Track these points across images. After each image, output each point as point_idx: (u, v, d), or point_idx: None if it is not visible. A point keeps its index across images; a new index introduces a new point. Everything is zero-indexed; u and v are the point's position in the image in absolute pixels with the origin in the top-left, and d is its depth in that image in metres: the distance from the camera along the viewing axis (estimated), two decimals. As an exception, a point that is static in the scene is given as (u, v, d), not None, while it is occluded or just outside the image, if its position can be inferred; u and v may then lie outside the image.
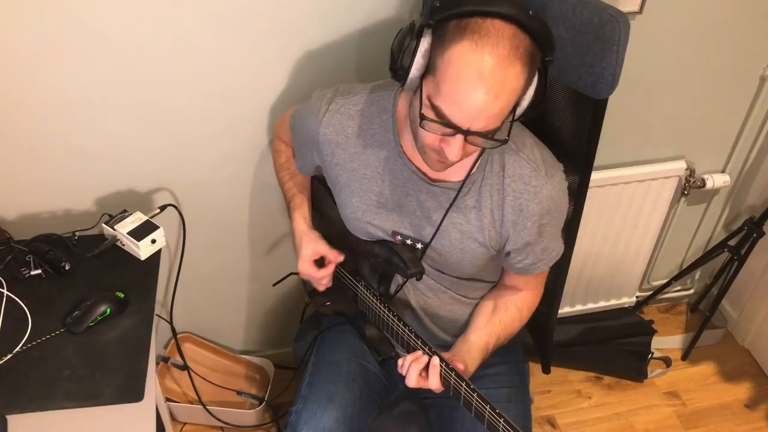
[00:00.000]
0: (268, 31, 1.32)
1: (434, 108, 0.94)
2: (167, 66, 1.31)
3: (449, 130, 0.94)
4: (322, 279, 1.30)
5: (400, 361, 1.13)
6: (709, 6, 1.52)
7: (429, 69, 0.94)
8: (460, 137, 0.94)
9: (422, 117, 0.94)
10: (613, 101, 1.06)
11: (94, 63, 1.27)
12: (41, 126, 1.33)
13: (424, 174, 1.13)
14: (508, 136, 0.97)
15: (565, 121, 1.19)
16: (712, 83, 1.68)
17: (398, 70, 0.96)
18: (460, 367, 1.11)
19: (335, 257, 1.29)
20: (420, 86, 0.96)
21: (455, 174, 1.11)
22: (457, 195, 1.12)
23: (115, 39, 1.25)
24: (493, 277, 1.31)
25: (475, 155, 1.08)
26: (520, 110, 0.97)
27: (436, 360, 1.10)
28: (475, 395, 1.06)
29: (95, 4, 1.20)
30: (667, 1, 1.47)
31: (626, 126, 1.68)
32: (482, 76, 0.88)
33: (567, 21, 1.02)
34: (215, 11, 1.27)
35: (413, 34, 0.94)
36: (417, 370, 1.11)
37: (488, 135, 0.95)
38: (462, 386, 1.08)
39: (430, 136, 0.97)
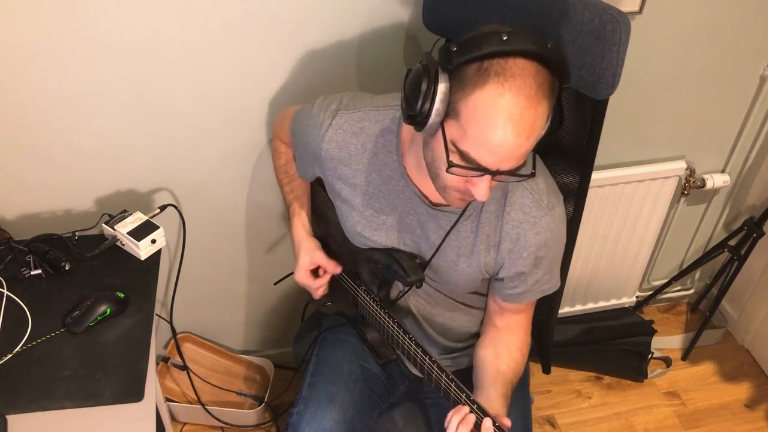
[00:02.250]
0: (267, 31, 1.32)
1: (461, 153, 0.91)
2: (167, 66, 1.31)
3: (477, 173, 0.93)
4: (318, 288, 1.31)
5: (446, 421, 1.08)
6: (709, 6, 1.52)
7: (450, 113, 0.91)
8: (487, 177, 0.93)
9: (450, 164, 0.92)
10: (613, 101, 1.05)
11: (95, 62, 1.27)
12: (41, 125, 1.33)
13: (426, 197, 1.12)
14: (534, 168, 0.95)
15: (566, 122, 1.18)
16: (712, 83, 1.68)
17: (416, 117, 0.92)
18: (508, 424, 1.07)
19: (332, 269, 1.29)
20: (441, 130, 0.93)
21: None
22: (458, 219, 1.11)
23: (116, 38, 1.25)
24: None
25: None
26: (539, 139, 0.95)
27: (488, 422, 1.04)
28: None
29: (96, 3, 1.20)
30: (667, 1, 1.47)
31: (626, 126, 1.68)
32: (513, 119, 0.86)
33: (568, 21, 1.02)
34: (216, 11, 1.27)
35: (429, 78, 0.90)
36: None
37: (515, 172, 0.94)
38: None
39: (455, 178, 0.96)
